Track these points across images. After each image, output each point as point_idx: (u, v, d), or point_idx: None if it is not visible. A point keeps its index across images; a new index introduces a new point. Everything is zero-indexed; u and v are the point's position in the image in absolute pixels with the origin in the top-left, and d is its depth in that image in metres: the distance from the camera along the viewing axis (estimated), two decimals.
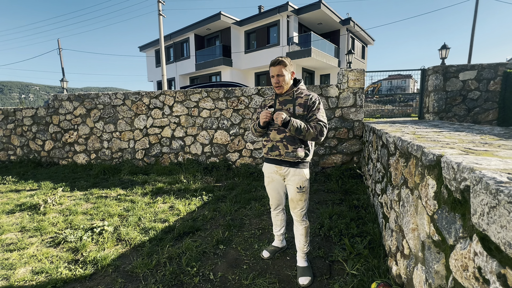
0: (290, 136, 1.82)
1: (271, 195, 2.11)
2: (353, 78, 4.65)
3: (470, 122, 5.38)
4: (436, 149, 1.32)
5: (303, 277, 1.91)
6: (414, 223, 1.43)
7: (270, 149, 1.91)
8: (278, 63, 1.82)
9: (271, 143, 1.90)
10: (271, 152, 1.91)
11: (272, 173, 2.00)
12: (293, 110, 1.84)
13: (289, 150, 1.84)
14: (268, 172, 2.03)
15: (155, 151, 5.64)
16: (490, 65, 5.24)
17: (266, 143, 1.95)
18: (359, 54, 19.40)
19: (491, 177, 0.78)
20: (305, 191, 1.92)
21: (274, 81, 1.86)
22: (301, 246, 2.03)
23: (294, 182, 1.90)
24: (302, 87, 1.94)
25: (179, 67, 19.32)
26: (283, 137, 1.84)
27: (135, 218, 3.05)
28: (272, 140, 1.89)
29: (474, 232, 0.83)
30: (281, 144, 1.86)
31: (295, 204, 1.95)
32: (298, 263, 2.04)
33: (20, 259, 2.29)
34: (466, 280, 0.85)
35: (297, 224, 2.01)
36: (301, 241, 2.02)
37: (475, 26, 12.90)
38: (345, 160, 4.79)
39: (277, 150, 1.87)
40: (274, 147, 1.88)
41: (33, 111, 6.16)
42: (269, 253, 2.23)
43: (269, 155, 1.93)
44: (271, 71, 1.86)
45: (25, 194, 4.13)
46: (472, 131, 2.43)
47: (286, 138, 1.84)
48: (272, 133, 1.89)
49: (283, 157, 1.87)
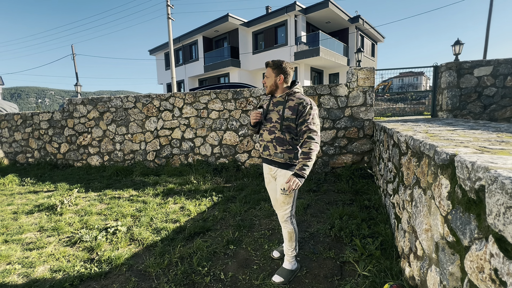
0: (280, 137, 1.85)
1: (270, 195, 2.11)
2: (362, 76, 4.58)
3: (486, 119, 5.20)
4: (449, 148, 1.29)
5: (277, 276, 1.95)
6: (427, 224, 1.40)
7: (263, 149, 1.97)
8: (266, 64, 1.91)
9: (264, 143, 1.95)
10: (264, 151, 1.96)
11: (267, 173, 2.06)
12: (282, 112, 1.82)
13: (278, 151, 1.87)
14: (265, 172, 2.08)
15: (166, 152, 5.73)
16: (506, 60, 5.05)
17: (261, 143, 2.00)
18: (368, 52, 19.08)
19: (507, 176, 0.76)
20: (289, 194, 1.86)
21: (262, 82, 1.95)
22: (286, 249, 2.03)
23: (279, 183, 1.91)
24: (297, 90, 1.88)
25: (188, 69, 19.57)
26: (273, 137, 1.87)
27: (147, 219, 3.12)
28: (264, 140, 1.94)
29: (490, 233, 0.81)
30: (271, 145, 1.89)
31: (279, 204, 1.96)
32: (282, 263, 2.07)
33: (39, 257, 2.38)
34: (482, 282, 0.83)
35: (282, 226, 2.02)
36: (285, 245, 2.03)
37: (491, 20, 12.46)
38: (355, 160, 4.73)
39: (268, 150, 1.92)
40: (266, 147, 1.93)
41: (49, 115, 6.39)
42: (279, 253, 2.25)
43: (263, 154, 1.99)
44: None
45: (43, 195, 4.28)
46: (488, 129, 2.36)
47: (276, 139, 1.86)
48: (264, 134, 1.93)
49: (272, 157, 1.90)
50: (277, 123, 1.85)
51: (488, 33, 12.60)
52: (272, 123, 1.88)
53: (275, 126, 1.86)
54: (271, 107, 1.91)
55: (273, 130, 1.86)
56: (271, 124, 1.88)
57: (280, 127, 1.83)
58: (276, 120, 1.85)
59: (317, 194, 3.81)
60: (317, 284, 1.91)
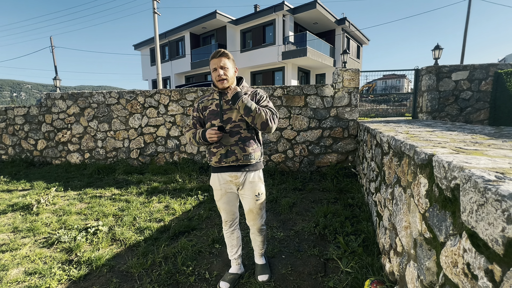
0: (246, 136, 1.66)
1: (226, 210, 1.83)
2: (348, 77, 4.68)
3: (462, 121, 5.47)
4: (428, 148, 1.35)
5: (262, 275, 1.93)
6: (406, 221, 1.46)
7: (224, 156, 1.65)
8: (220, 54, 1.62)
9: (225, 149, 1.65)
10: (226, 158, 1.65)
11: (226, 184, 1.74)
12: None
13: (247, 152, 1.65)
14: (220, 184, 1.75)
15: (150, 150, 5.60)
16: (481, 65, 5.34)
17: (217, 149, 1.67)
18: (354, 54, 19.52)
19: (479, 175, 0.80)
20: (262, 197, 1.77)
21: (216, 74, 1.62)
22: (259, 249, 1.98)
23: (251, 190, 1.72)
24: (246, 84, 1.80)
25: (174, 66, 19.20)
26: (237, 139, 1.65)
27: (130, 218, 3.03)
28: (225, 145, 1.65)
29: (463, 229, 0.85)
30: (236, 148, 1.64)
31: (254, 215, 1.79)
32: (256, 261, 2.03)
33: (13, 260, 2.26)
34: (456, 276, 0.87)
35: (257, 234, 1.90)
36: (259, 246, 1.96)
37: (468, 28, 13.10)
38: (340, 159, 4.83)
39: (233, 155, 1.64)
40: (230, 152, 1.64)
41: (25, 110, 6.06)
42: (228, 283, 1.86)
43: (223, 162, 1.66)
44: (212, 64, 1.64)
45: (17, 194, 4.07)
46: (464, 130, 2.48)
47: (242, 140, 1.65)
48: (224, 138, 1.65)
49: (241, 161, 1.66)
50: (242, 122, 1.65)
51: (465, 40, 13.25)
52: (234, 123, 1.65)
53: (238, 125, 1.65)
54: (226, 106, 1.67)
55: (237, 130, 1.65)
56: (232, 125, 1.65)
57: (247, 124, 1.66)
58: (240, 119, 1.65)
59: (303, 192, 3.86)
60: (301, 281, 1.94)
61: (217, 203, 1.85)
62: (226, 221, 1.88)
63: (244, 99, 1.60)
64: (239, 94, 1.60)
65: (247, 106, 1.58)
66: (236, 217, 1.91)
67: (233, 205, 1.84)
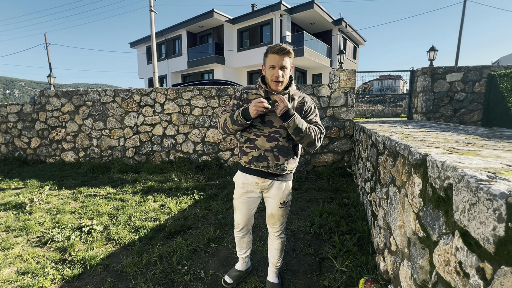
0: (283, 146, 1.53)
1: (242, 211, 1.72)
2: (344, 78, 4.71)
3: (456, 122, 5.54)
4: (422, 148, 1.36)
5: None
6: (401, 220, 1.47)
7: (256, 159, 1.54)
8: (285, 52, 1.43)
9: (258, 152, 1.53)
10: (257, 162, 1.54)
11: (250, 185, 1.64)
12: None
13: (280, 162, 1.54)
14: (245, 183, 1.65)
15: (146, 149, 5.57)
16: (475, 67, 5.41)
17: (250, 150, 1.56)
18: (350, 55, 19.63)
19: (472, 175, 0.81)
20: (288, 205, 1.68)
21: (274, 75, 1.46)
22: (275, 261, 1.82)
23: (277, 197, 1.63)
24: (294, 87, 1.64)
25: (170, 64, 19.08)
26: (274, 146, 1.52)
27: (125, 217, 3.01)
28: (259, 149, 1.53)
29: (456, 228, 0.86)
30: (271, 155, 1.52)
31: (275, 220, 1.70)
32: (269, 278, 1.85)
33: (5, 259, 2.23)
34: (448, 274, 0.88)
35: (274, 239, 1.77)
36: (275, 256, 1.80)
37: (462, 30, 13.27)
38: (336, 159, 4.85)
39: (266, 161, 1.53)
40: (262, 157, 1.53)
41: (19, 107, 5.97)
42: (232, 279, 1.87)
43: (253, 165, 1.56)
44: (271, 59, 1.45)
45: (10, 192, 4.01)
46: (458, 131, 2.51)
47: (278, 148, 1.52)
48: (259, 140, 1.53)
49: (272, 169, 1.55)
50: (283, 129, 1.51)
51: (460, 42, 13.42)
52: (274, 128, 1.52)
53: (278, 132, 1.52)
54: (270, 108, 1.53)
55: (276, 137, 1.52)
56: (272, 130, 1.52)
57: (287, 133, 1.52)
58: (281, 126, 1.51)
59: (299, 192, 3.87)
60: (296, 280, 1.95)
61: (235, 202, 1.75)
62: (238, 223, 1.77)
63: (296, 119, 1.43)
64: (290, 112, 1.42)
65: (298, 127, 1.44)
66: (249, 223, 1.79)
67: (249, 208, 1.72)
